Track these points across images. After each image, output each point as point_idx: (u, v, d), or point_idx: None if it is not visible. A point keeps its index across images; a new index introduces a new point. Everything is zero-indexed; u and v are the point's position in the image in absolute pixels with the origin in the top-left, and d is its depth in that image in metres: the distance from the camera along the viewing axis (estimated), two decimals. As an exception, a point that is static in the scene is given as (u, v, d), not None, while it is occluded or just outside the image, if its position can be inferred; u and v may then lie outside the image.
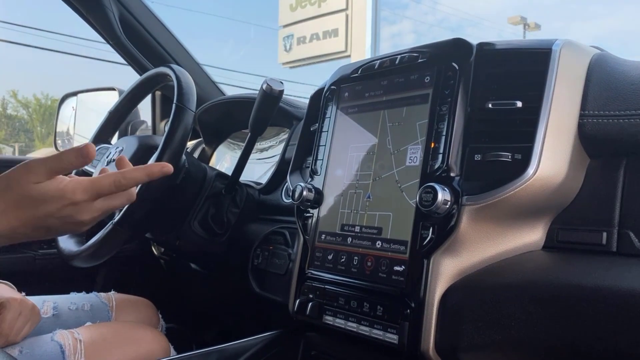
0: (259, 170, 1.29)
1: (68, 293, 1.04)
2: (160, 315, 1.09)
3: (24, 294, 0.96)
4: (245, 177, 1.11)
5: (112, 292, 1.07)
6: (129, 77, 1.42)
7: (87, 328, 0.86)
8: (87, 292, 1.06)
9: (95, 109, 1.68)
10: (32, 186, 0.54)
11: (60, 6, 1.29)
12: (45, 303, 0.96)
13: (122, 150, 1.01)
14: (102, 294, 1.05)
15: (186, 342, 1.31)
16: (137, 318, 1.03)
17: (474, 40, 0.67)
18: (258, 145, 1.32)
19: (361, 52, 10.76)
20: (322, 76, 0.85)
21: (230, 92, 1.51)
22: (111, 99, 1.50)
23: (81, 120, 1.73)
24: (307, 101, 0.93)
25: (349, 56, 11.39)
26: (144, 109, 1.63)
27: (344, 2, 11.51)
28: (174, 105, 0.89)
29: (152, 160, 0.89)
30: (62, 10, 1.32)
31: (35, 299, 0.95)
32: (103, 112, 1.17)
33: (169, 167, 0.60)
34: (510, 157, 0.59)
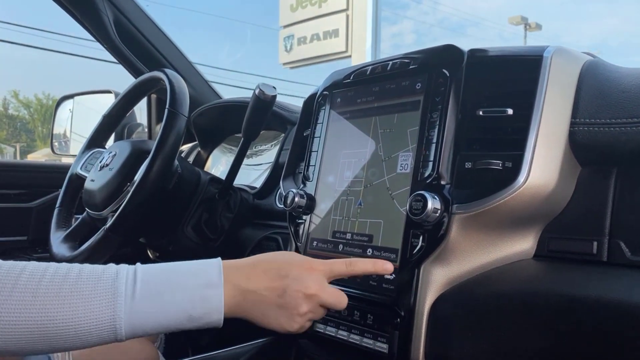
0: (254, 174, 1.28)
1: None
2: None
3: None
4: (240, 180, 1.11)
5: None
6: (129, 77, 1.42)
7: (76, 336, 0.86)
8: None
9: (93, 110, 1.68)
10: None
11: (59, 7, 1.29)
12: None
13: (115, 154, 1.00)
14: None
15: (182, 347, 1.31)
16: None
17: (474, 40, 0.67)
18: (254, 149, 1.32)
19: (362, 53, 10.75)
20: (322, 77, 0.84)
21: (230, 92, 1.51)
22: (108, 101, 1.50)
23: (78, 123, 1.73)
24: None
25: (349, 56, 11.38)
26: (143, 109, 1.63)
27: (345, 3, 11.50)
28: (166, 111, 0.89)
29: (144, 166, 0.89)
30: (63, 11, 1.32)
31: None
32: (100, 114, 1.17)
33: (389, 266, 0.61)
34: (500, 165, 0.58)
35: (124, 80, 1.39)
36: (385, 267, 0.61)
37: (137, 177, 0.89)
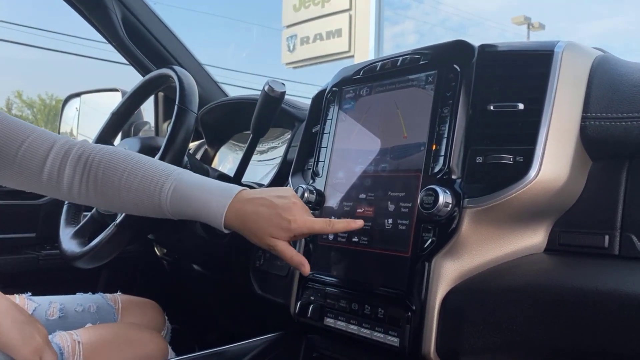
0: (261, 171, 1.29)
1: (73, 293, 1.04)
2: (166, 317, 1.09)
3: (29, 293, 0.96)
4: (247, 178, 1.11)
5: (119, 293, 1.07)
6: (132, 78, 1.43)
7: (86, 330, 0.86)
8: (93, 293, 1.06)
9: (99, 109, 1.69)
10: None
11: (64, 7, 1.30)
12: (52, 304, 0.95)
13: (124, 151, 1.01)
14: (109, 295, 1.05)
15: (188, 343, 1.31)
16: (142, 320, 1.03)
17: (476, 41, 0.67)
18: (261, 147, 1.32)
19: (364, 53, 10.73)
20: (324, 77, 0.85)
21: (233, 92, 1.51)
22: (114, 100, 1.50)
23: (84, 121, 1.74)
24: (309, 102, 0.92)
25: (352, 56, 11.37)
26: (148, 109, 1.63)
27: (348, 3, 11.49)
28: (175, 107, 0.90)
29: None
30: (66, 11, 1.33)
31: (41, 300, 0.95)
32: (106, 112, 1.17)
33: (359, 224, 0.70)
34: (512, 159, 0.59)
35: (129, 80, 1.40)
36: (356, 224, 0.69)
37: (147, 173, 0.90)
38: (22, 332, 0.62)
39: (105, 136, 1.15)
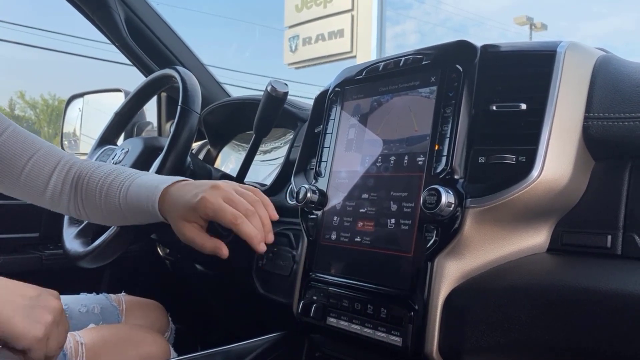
0: (264, 171, 1.29)
1: (76, 293, 1.04)
2: (170, 318, 1.10)
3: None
4: (250, 178, 1.12)
5: (123, 293, 1.08)
6: (135, 78, 1.43)
7: (88, 330, 0.87)
8: (97, 293, 1.06)
9: (102, 110, 1.69)
10: None
11: (67, 7, 1.31)
12: None
13: (127, 151, 1.01)
14: (112, 296, 1.05)
15: (191, 343, 1.32)
16: (146, 321, 1.03)
17: (478, 40, 0.67)
18: (263, 147, 1.33)
19: (367, 53, 10.74)
20: (327, 77, 0.85)
21: (235, 93, 1.51)
22: (117, 100, 1.51)
23: (87, 121, 1.74)
24: (312, 102, 0.93)
25: (354, 57, 11.38)
26: (150, 109, 1.64)
27: (350, 3, 11.51)
28: (179, 107, 0.90)
29: (157, 162, 0.89)
30: (69, 11, 1.34)
31: None
32: (109, 113, 1.18)
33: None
34: (514, 159, 0.59)
35: (132, 81, 1.40)
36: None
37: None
38: (26, 318, 0.57)
39: (108, 136, 1.16)
